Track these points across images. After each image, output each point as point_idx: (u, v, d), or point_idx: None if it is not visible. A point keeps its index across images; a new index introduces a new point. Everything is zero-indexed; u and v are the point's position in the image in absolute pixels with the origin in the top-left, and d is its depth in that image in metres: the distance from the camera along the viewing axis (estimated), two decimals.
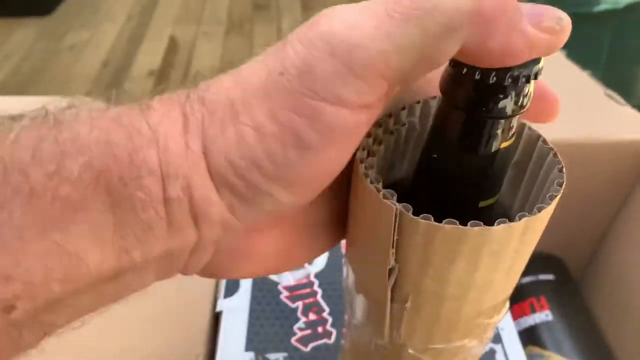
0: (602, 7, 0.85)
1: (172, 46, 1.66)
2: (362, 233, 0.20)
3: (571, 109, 0.50)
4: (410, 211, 0.17)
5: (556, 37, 0.15)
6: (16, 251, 0.14)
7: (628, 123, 0.48)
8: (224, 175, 0.15)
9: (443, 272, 0.18)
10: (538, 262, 0.54)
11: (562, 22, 0.15)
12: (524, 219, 0.16)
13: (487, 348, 0.34)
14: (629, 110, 0.49)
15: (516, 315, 0.50)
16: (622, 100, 0.50)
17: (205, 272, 0.19)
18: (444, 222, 0.16)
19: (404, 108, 0.21)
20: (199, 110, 0.16)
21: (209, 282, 0.38)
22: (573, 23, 0.16)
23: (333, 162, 0.17)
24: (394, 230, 0.17)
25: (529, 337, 0.49)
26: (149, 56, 1.62)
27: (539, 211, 0.17)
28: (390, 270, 0.18)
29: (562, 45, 0.15)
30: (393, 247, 0.18)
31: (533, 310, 0.50)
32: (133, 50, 1.64)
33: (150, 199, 0.15)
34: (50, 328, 0.16)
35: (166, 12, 1.85)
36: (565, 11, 0.17)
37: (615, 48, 0.90)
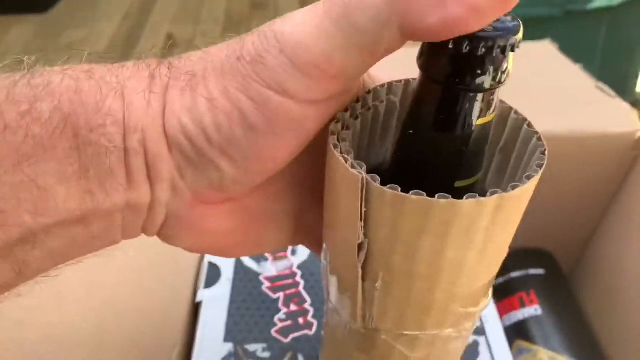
0: (596, 4, 0.85)
1: (170, 46, 1.66)
2: (332, 208, 0.20)
3: (562, 102, 0.50)
4: (378, 181, 0.16)
5: None
6: None
7: (619, 116, 0.48)
8: (176, 136, 0.17)
9: (412, 248, 0.17)
10: (528, 256, 0.53)
11: None
12: (496, 195, 0.16)
13: (470, 340, 0.33)
14: (620, 102, 0.49)
15: (505, 310, 0.50)
16: (612, 93, 0.50)
17: (162, 236, 0.20)
18: (411, 193, 0.16)
19: (383, 85, 0.20)
20: (166, 75, 0.17)
21: (190, 272, 0.38)
22: (568, 20, 0.16)
23: (278, 149, 0.18)
24: (362, 202, 0.17)
25: (518, 331, 0.48)
26: (147, 55, 1.61)
27: (513, 189, 0.16)
28: (360, 245, 0.18)
29: (514, 2, 0.14)
30: (361, 219, 0.17)
31: (522, 305, 0.50)
32: (130, 49, 1.64)
33: (113, 146, 0.16)
34: (24, 266, 0.17)
35: (164, 10, 1.85)
36: (560, 8, 0.16)
37: (609, 45, 0.90)
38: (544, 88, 0.49)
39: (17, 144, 0.15)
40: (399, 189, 0.16)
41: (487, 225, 0.17)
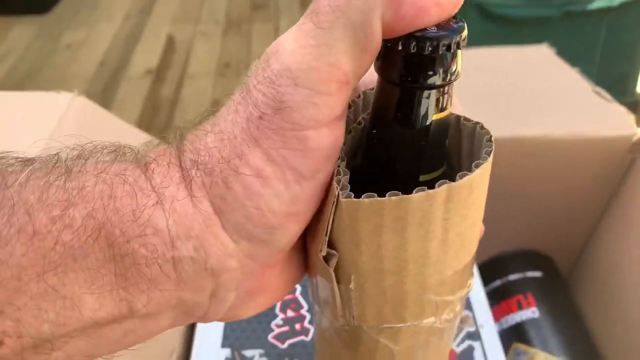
0: (596, 4, 0.85)
1: (170, 45, 1.66)
2: (315, 217, 0.20)
3: (560, 106, 0.50)
4: (347, 190, 0.17)
5: None
6: (12, 289, 0.14)
7: (616, 119, 0.48)
8: (242, 228, 0.16)
9: (374, 246, 0.18)
10: (526, 259, 0.53)
11: None
12: (444, 186, 0.17)
13: (465, 345, 0.34)
14: (616, 106, 0.49)
15: (503, 313, 0.50)
16: (609, 97, 0.50)
17: (228, 316, 0.19)
18: (363, 196, 0.17)
19: (358, 96, 0.21)
20: (197, 174, 0.16)
21: None
22: (567, 21, 0.16)
23: (326, 179, 0.18)
24: (331, 214, 0.18)
25: (516, 334, 0.48)
26: (147, 55, 1.61)
27: (461, 178, 0.17)
28: (327, 256, 0.19)
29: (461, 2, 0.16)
30: (326, 234, 0.18)
31: (520, 308, 0.50)
32: (130, 50, 1.64)
33: (155, 256, 0.15)
34: None
35: (164, 11, 1.85)
36: (559, 9, 0.16)
37: (609, 45, 0.90)
38: (541, 92, 0.50)
39: (44, 252, 0.14)
40: (352, 195, 0.17)
41: (442, 215, 0.17)
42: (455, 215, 0.17)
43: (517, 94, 0.49)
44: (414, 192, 0.16)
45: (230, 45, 1.67)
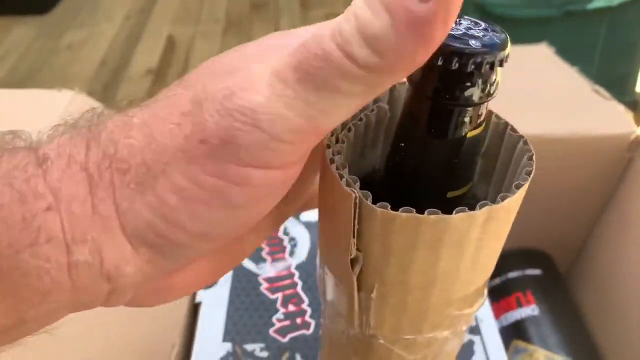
0: (595, 4, 0.85)
1: (170, 45, 1.66)
2: (327, 221, 0.20)
3: (558, 104, 0.50)
4: (370, 199, 0.16)
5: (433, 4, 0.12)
6: None
7: (615, 118, 0.48)
8: (144, 236, 0.15)
9: (405, 261, 0.17)
10: (525, 257, 0.54)
11: None
12: (485, 208, 0.16)
13: (465, 339, 0.34)
14: (615, 105, 0.49)
15: (502, 310, 0.50)
16: (608, 95, 0.50)
17: (131, 304, 0.18)
18: (400, 210, 0.16)
19: None
20: (107, 169, 0.15)
21: None
22: (567, 20, 0.16)
23: (260, 213, 0.16)
24: (354, 218, 0.17)
25: (515, 331, 0.49)
26: (147, 55, 1.61)
27: (502, 200, 0.16)
28: (353, 260, 0.18)
29: (456, 10, 0.13)
30: (354, 236, 0.17)
31: (519, 305, 0.50)
32: (131, 50, 1.64)
33: (48, 266, 0.14)
34: None
35: (164, 11, 1.85)
36: (559, 9, 0.16)
37: (608, 45, 0.90)
38: (540, 91, 0.50)
39: None
40: (389, 206, 0.16)
41: (478, 236, 0.17)
42: (489, 235, 0.17)
43: (516, 93, 0.49)
44: (447, 209, 0.16)
45: (230, 45, 1.64)
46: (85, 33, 1.71)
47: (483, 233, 0.17)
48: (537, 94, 0.49)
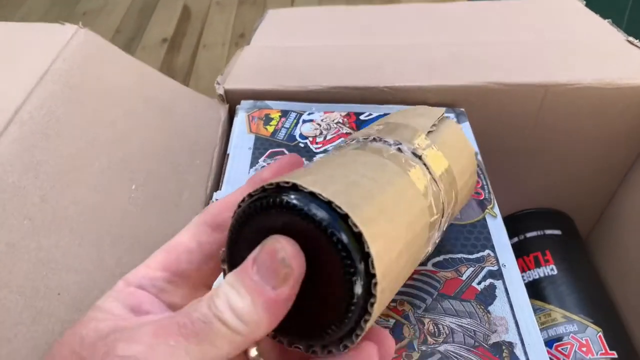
0: None
1: (185, 15, 1.65)
2: None
3: (590, 54, 0.48)
4: None
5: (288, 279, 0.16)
6: None
7: None
8: None
9: None
10: (545, 217, 0.53)
11: (284, 262, 0.16)
12: None
13: (487, 283, 0.33)
14: None
15: (520, 269, 0.50)
16: None
17: None
18: None
19: None
20: None
21: None
22: None
23: None
24: None
25: (532, 290, 0.48)
26: (162, 25, 1.61)
27: None
28: None
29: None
30: None
31: (538, 264, 0.49)
32: (146, 18, 1.63)
33: None
34: None
35: None
36: None
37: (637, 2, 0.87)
38: (572, 42, 0.48)
39: None
40: None
41: None
42: None
43: (547, 44, 0.47)
44: None
45: (246, 15, 1.65)
46: (101, 1, 1.70)
47: None
48: (568, 45, 0.47)
